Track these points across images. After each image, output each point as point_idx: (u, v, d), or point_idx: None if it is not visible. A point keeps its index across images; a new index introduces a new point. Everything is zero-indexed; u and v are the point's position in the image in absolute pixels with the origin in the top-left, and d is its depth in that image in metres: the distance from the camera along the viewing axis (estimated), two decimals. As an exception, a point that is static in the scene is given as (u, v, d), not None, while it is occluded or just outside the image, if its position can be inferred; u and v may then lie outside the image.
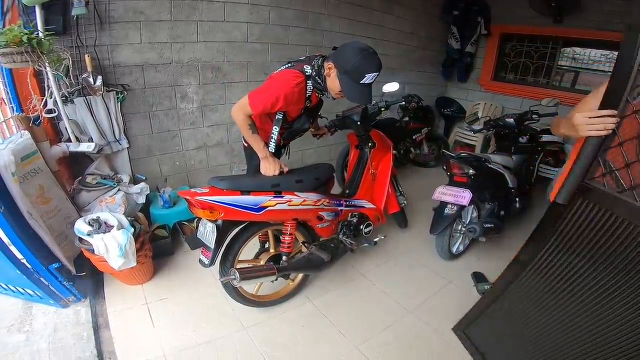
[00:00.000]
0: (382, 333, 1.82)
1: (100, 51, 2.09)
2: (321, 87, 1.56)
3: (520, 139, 2.73)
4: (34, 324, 1.75)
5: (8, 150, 1.64)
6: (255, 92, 1.52)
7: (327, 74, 1.49)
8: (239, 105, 1.55)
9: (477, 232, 2.12)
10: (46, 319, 1.79)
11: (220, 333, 1.76)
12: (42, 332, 1.70)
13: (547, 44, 3.74)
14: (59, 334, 1.70)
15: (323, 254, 1.81)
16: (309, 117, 1.74)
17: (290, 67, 1.56)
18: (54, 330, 1.71)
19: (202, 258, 1.60)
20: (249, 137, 1.62)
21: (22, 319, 1.78)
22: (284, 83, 1.48)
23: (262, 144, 1.63)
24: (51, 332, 1.70)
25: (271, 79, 1.55)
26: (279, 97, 1.47)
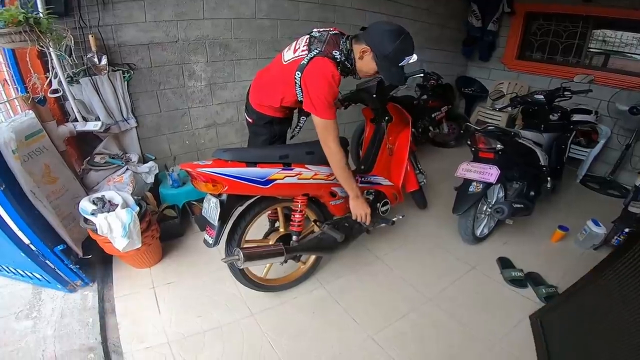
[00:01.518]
0: (398, 322, 1.69)
1: (104, 31, 2.04)
2: (349, 70, 1.49)
3: (551, 116, 2.51)
4: (41, 309, 1.72)
5: (8, 127, 1.59)
6: (318, 107, 1.41)
7: (360, 56, 1.43)
8: (322, 133, 1.46)
9: (505, 212, 1.94)
10: (54, 304, 1.76)
11: (227, 319, 1.68)
12: (49, 317, 1.67)
13: (576, 23, 3.48)
14: (65, 319, 1.66)
15: (336, 234, 1.68)
16: None
17: (318, 54, 1.41)
18: (60, 316, 1.68)
19: (206, 237, 1.49)
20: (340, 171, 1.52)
21: (31, 304, 1.75)
22: (329, 80, 1.38)
23: (355, 182, 1.59)
24: (58, 318, 1.67)
25: (311, 82, 1.40)
26: (333, 89, 1.41)
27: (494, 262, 2.08)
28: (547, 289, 1.81)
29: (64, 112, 2.11)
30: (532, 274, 1.95)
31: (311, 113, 1.45)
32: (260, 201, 1.57)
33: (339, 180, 1.56)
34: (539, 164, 2.23)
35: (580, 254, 2.17)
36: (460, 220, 2.12)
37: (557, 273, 1.97)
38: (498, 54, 3.99)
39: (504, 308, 1.78)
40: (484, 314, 1.74)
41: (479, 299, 1.82)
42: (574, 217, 2.45)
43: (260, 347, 1.55)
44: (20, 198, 1.56)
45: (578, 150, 3.17)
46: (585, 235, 2.17)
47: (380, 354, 1.54)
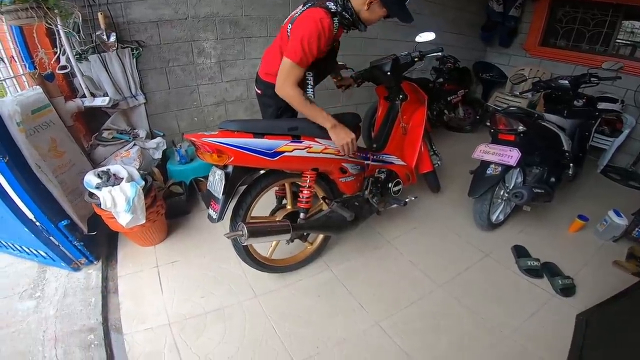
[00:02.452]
0: (406, 308, 1.63)
1: (113, 8, 2.01)
2: (349, 21, 1.43)
3: (575, 102, 2.38)
4: (45, 289, 1.70)
5: (13, 100, 1.56)
6: (291, 47, 1.34)
7: (367, 8, 1.39)
8: (282, 75, 1.38)
9: (524, 196, 1.83)
10: (57, 283, 1.73)
11: (230, 300, 1.64)
12: (52, 297, 1.64)
13: (606, 11, 3.29)
14: (68, 299, 1.64)
15: (345, 212, 1.61)
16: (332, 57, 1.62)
17: (311, 6, 1.37)
18: (63, 296, 1.65)
19: (210, 212, 1.43)
20: (306, 109, 1.41)
21: (35, 283, 1.74)
22: (317, 22, 1.31)
23: (324, 112, 1.44)
24: (60, 298, 1.64)
25: (297, 26, 1.36)
26: (320, 36, 1.32)
27: (509, 251, 1.99)
28: (564, 280, 1.72)
29: (73, 88, 2.09)
30: (548, 264, 1.86)
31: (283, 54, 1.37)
32: (267, 175, 1.51)
33: (309, 117, 1.43)
34: (561, 149, 2.11)
35: (599, 245, 2.08)
36: (476, 205, 2.03)
37: (574, 264, 1.88)
38: (519, 40, 3.83)
39: (517, 298, 1.70)
40: (496, 304, 1.66)
41: (491, 288, 1.74)
42: (593, 207, 2.34)
43: (263, 331, 1.50)
44: (25, 171, 1.53)
45: (601, 139, 3.02)
46: (605, 226, 2.07)
47: (386, 341, 1.47)
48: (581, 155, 2.47)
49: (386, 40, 3.22)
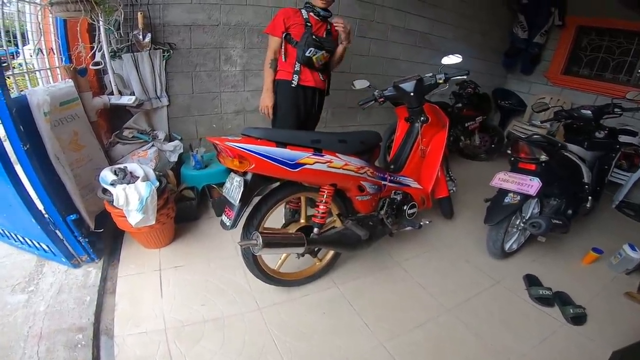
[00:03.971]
0: (413, 330, 1.57)
1: (152, 9, 2.09)
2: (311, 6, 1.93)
3: (597, 134, 2.34)
4: (40, 283, 1.65)
5: (44, 90, 1.60)
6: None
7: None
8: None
9: (542, 227, 1.79)
10: (54, 278, 1.68)
11: (231, 310, 1.59)
12: (45, 293, 1.59)
13: (631, 39, 3.27)
14: (62, 296, 1.57)
15: (360, 231, 1.59)
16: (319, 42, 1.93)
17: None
18: (57, 292, 1.59)
19: (224, 218, 1.41)
20: (264, 71, 2.03)
21: (31, 276, 1.68)
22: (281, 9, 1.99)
23: (271, 78, 2.02)
24: (54, 294, 1.58)
25: None
26: (280, 12, 1.95)
27: (520, 279, 1.96)
28: (575, 309, 1.69)
29: (101, 84, 2.16)
30: (560, 293, 1.83)
31: None
32: (284, 187, 1.50)
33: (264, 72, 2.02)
34: (581, 181, 2.06)
35: (611, 277, 2.04)
36: (491, 232, 1.99)
37: (586, 295, 1.85)
38: (542, 68, 3.82)
39: (526, 326, 1.66)
40: (504, 330, 1.62)
41: (500, 315, 1.71)
42: (606, 241, 2.31)
43: (263, 344, 1.45)
44: (43, 161, 1.54)
45: (618, 173, 2.95)
46: (619, 259, 2.05)
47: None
48: (599, 188, 2.42)
49: (408, 61, 3.25)
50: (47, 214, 1.62)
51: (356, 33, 2.75)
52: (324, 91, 2.17)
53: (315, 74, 2.03)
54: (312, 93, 2.08)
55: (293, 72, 1.97)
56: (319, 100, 2.16)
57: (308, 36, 1.89)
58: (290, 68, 1.97)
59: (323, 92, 2.17)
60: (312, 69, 1.99)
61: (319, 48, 1.92)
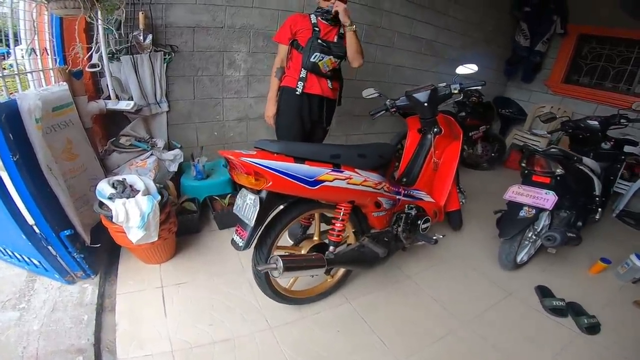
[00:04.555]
0: (431, 345, 1.53)
1: (154, 9, 1.98)
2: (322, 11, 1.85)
3: (603, 144, 2.34)
4: (32, 300, 1.54)
5: (36, 94, 1.47)
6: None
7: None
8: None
9: (557, 240, 1.77)
10: (47, 295, 1.57)
11: (241, 330, 1.51)
12: (38, 310, 1.48)
13: (632, 48, 3.31)
14: (57, 314, 1.47)
15: (378, 248, 1.52)
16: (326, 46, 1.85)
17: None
18: (51, 310, 1.49)
19: (236, 238, 1.33)
20: (271, 79, 2.00)
21: (22, 293, 1.57)
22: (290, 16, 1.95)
23: (275, 87, 1.99)
24: (48, 312, 1.47)
25: None
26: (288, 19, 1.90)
27: (532, 290, 1.95)
28: (589, 319, 1.70)
29: (97, 88, 2.03)
30: (572, 304, 1.82)
31: None
32: (299, 204, 1.42)
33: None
34: (592, 194, 2.05)
35: (619, 286, 2.06)
36: (504, 245, 1.96)
37: (596, 304, 1.85)
38: (542, 76, 3.84)
39: (543, 337, 1.65)
40: (523, 342, 1.60)
41: (517, 326, 1.69)
42: (610, 250, 2.32)
43: (277, 366, 1.37)
44: (34, 172, 1.41)
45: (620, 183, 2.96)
46: (627, 269, 2.06)
47: (410, 381, 1.37)
48: (604, 199, 2.42)
49: (412, 69, 3.21)
50: (38, 229, 1.49)
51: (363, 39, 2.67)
52: (333, 101, 2.06)
53: (322, 81, 1.93)
54: (318, 102, 1.98)
55: (298, 78, 1.89)
56: (327, 110, 2.05)
57: (313, 40, 1.81)
58: (295, 74, 1.90)
59: (333, 102, 2.06)
60: (318, 76, 1.90)
61: (325, 53, 1.83)
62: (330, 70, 1.90)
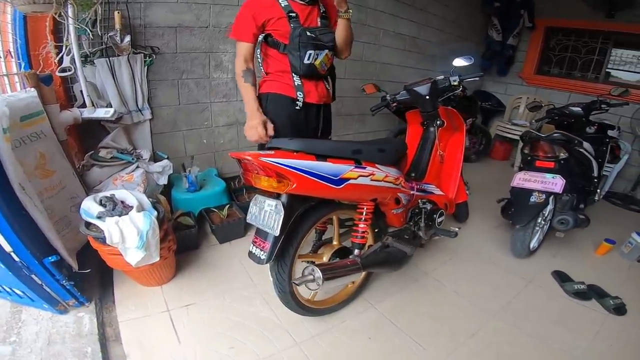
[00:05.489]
0: (467, 341, 1.49)
1: (131, 8, 1.80)
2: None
3: (588, 129, 2.45)
4: (22, 332, 1.37)
5: (2, 101, 1.26)
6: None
7: None
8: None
9: (569, 223, 1.81)
10: (38, 327, 1.39)
11: (266, 350, 1.37)
12: (32, 343, 1.32)
13: (595, 38, 3.53)
14: (55, 347, 1.31)
15: (405, 246, 1.44)
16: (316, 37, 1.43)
17: None
18: (47, 343, 1.33)
19: (255, 250, 1.20)
20: (240, 87, 1.49)
21: (8, 325, 1.40)
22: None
23: (253, 95, 1.47)
24: (44, 345, 1.31)
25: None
26: (245, 5, 1.42)
27: (549, 276, 1.96)
28: (614, 300, 1.73)
29: (69, 96, 1.81)
30: (593, 287, 1.85)
31: None
32: (319, 206, 1.31)
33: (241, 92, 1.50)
34: (591, 175, 2.12)
35: (628, 266, 2.12)
36: (518, 233, 1.96)
37: (613, 285, 1.89)
38: (516, 69, 4.00)
39: (575, 321, 1.66)
40: (557, 328, 1.60)
41: (546, 313, 1.69)
42: (607, 230, 2.42)
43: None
44: (5, 192, 1.21)
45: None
46: (631, 248, 2.13)
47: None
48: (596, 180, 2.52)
49: (398, 66, 3.22)
50: (17, 256, 1.28)
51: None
52: (330, 105, 1.71)
53: (319, 84, 1.55)
54: (316, 112, 1.61)
55: (293, 86, 1.48)
56: (326, 119, 1.69)
57: (300, 34, 1.38)
58: (283, 79, 1.49)
59: (330, 107, 1.72)
60: (315, 79, 1.53)
61: (319, 48, 1.43)
62: (328, 67, 1.56)
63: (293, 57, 1.42)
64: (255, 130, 1.43)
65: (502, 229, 2.39)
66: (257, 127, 1.43)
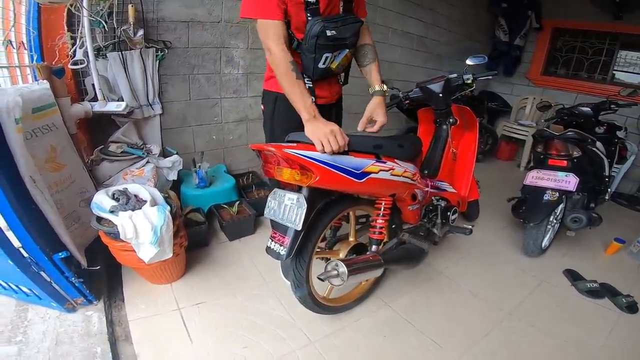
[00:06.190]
0: (483, 340, 1.48)
1: (145, 2, 1.77)
2: None
3: (597, 129, 2.44)
4: (28, 332, 1.34)
5: (15, 91, 1.24)
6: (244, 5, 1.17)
7: None
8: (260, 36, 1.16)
9: (583, 221, 1.81)
10: (45, 326, 1.37)
11: (281, 349, 1.36)
12: (39, 343, 1.29)
13: (603, 40, 3.53)
14: (63, 347, 1.29)
15: (422, 243, 1.44)
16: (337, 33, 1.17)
17: None
18: (55, 342, 1.30)
19: (274, 246, 1.17)
20: (288, 83, 1.11)
21: (14, 324, 1.37)
22: None
23: (308, 98, 1.13)
24: (52, 345, 1.29)
25: None
26: None
27: (560, 274, 1.96)
28: (627, 299, 1.73)
29: (80, 89, 1.78)
30: (605, 285, 1.84)
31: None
32: (339, 201, 1.29)
33: (288, 94, 1.15)
34: (602, 174, 2.11)
35: (637, 265, 2.12)
36: (531, 231, 1.96)
37: (623, 284, 1.88)
38: (522, 69, 4.00)
39: (589, 319, 1.65)
40: (571, 326, 1.59)
41: (560, 311, 1.69)
42: (615, 230, 2.41)
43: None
44: (16, 185, 1.18)
45: (611, 166, 3.14)
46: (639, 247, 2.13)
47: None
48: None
49: (406, 65, 3.21)
50: (26, 252, 1.25)
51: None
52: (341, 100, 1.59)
53: (333, 82, 1.41)
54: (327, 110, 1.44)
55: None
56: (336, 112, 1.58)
57: (318, 33, 1.13)
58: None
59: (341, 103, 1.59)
60: (329, 78, 1.36)
61: (339, 48, 1.23)
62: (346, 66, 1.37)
63: (306, 59, 1.20)
64: (334, 138, 1.07)
65: (511, 229, 2.38)
66: (337, 133, 1.08)
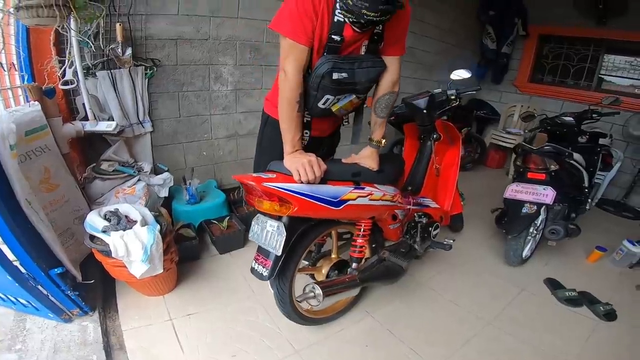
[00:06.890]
0: (463, 348, 1.55)
1: (133, 20, 1.82)
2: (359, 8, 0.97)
3: (580, 138, 2.50)
4: (27, 341, 1.40)
5: (9, 117, 1.28)
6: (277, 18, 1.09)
7: None
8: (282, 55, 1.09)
9: (560, 233, 1.88)
10: (43, 335, 1.43)
11: (268, 358, 1.43)
12: (38, 352, 1.35)
13: (588, 46, 3.59)
14: (61, 355, 1.35)
15: (401, 261, 1.50)
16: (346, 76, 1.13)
17: None
18: (53, 351, 1.36)
19: (258, 267, 1.25)
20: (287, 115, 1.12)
21: (13, 333, 1.43)
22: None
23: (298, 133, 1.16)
24: (50, 353, 1.35)
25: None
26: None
27: (541, 283, 2.03)
28: (605, 307, 1.79)
29: (71, 108, 1.83)
30: (584, 293, 1.91)
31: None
32: (319, 224, 1.35)
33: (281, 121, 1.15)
34: (582, 186, 2.18)
35: (618, 272, 2.19)
36: (511, 242, 2.03)
37: (603, 291, 1.95)
38: (510, 77, 4.05)
39: (567, 327, 1.71)
40: (549, 334, 1.66)
41: (539, 320, 1.75)
42: (599, 237, 2.49)
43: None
44: (12, 207, 1.24)
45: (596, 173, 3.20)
46: (622, 255, 2.20)
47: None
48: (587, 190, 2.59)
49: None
50: (24, 268, 1.33)
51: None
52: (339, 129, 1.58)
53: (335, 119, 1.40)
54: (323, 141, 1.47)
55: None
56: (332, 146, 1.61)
57: (323, 74, 1.09)
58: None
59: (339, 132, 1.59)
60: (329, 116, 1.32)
61: (344, 92, 1.18)
62: (350, 110, 1.34)
63: (307, 94, 1.16)
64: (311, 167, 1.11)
65: (496, 238, 2.44)
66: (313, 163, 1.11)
